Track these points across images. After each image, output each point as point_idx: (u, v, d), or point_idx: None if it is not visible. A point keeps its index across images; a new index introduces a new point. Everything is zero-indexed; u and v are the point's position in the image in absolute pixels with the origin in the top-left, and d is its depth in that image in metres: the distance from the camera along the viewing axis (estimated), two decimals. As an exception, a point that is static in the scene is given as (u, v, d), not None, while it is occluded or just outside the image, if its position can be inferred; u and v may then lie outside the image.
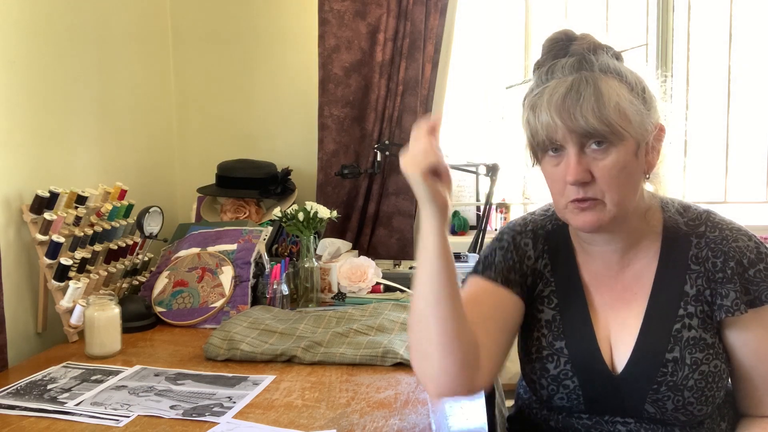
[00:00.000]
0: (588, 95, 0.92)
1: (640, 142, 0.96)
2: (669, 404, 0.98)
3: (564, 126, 0.93)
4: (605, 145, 0.93)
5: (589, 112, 0.91)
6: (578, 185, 0.95)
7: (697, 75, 2.51)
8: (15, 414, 1.09)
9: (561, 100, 0.93)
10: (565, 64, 0.97)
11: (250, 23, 2.36)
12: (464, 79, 2.53)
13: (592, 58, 0.97)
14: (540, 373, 1.06)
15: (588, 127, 0.92)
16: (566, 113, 0.92)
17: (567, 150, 0.95)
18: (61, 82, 1.68)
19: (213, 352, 1.36)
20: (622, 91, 0.94)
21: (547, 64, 0.99)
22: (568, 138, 0.94)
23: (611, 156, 0.94)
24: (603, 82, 0.94)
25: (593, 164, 0.94)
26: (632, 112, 0.94)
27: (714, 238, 1.02)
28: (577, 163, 0.94)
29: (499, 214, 2.56)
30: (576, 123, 0.92)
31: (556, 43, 1.01)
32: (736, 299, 0.98)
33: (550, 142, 0.96)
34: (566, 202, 0.97)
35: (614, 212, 0.96)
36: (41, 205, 1.48)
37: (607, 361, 1.02)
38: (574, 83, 0.93)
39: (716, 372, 0.98)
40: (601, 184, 0.94)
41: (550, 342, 1.06)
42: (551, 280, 1.10)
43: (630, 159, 0.95)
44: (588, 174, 0.94)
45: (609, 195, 0.95)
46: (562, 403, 1.05)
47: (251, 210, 2.12)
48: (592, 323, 1.05)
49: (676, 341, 0.99)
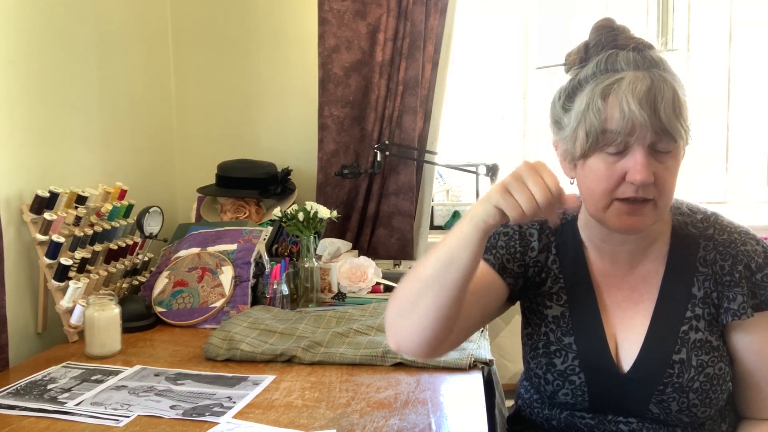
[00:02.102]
0: (669, 94, 0.91)
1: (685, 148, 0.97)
2: (674, 405, 0.98)
3: (647, 120, 0.89)
4: (672, 149, 0.92)
5: (671, 110, 0.90)
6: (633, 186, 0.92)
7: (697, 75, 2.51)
8: (15, 414, 1.09)
9: (645, 93, 0.90)
10: (628, 58, 0.94)
11: (250, 23, 2.36)
12: (464, 79, 2.53)
13: (653, 55, 0.96)
14: (546, 368, 1.06)
15: (669, 126, 0.90)
16: (650, 107, 0.90)
17: (633, 148, 0.92)
18: (61, 82, 1.68)
19: (213, 352, 1.36)
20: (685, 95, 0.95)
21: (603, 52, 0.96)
22: (645, 134, 0.90)
23: (674, 159, 0.94)
24: (676, 83, 0.94)
25: (657, 166, 0.92)
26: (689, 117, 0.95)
27: (722, 241, 1.02)
28: (648, 164, 0.91)
29: (499, 214, 2.55)
30: (660, 120, 0.90)
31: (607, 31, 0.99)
32: (743, 303, 0.98)
33: (626, 134, 0.91)
34: (611, 200, 0.94)
35: (660, 215, 0.97)
36: (41, 205, 1.48)
37: (615, 360, 1.03)
38: (655, 80, 0.91)
39: (721, 374, 0.99)
40: (660, 186, 0.93)
41: (559, 337, 1.06)
42: (560, 276, 1.09)
43: (680, 164, 0.96)
44: (653, 176, 0.92)
45: (663, 197, 0.94)
46: (566, 399, 1.05)
47: (251, 210, 2.12)
48: (602, 320, 1.05)
49: (683, 343, 0.99)
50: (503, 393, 1.42)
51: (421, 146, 2.23)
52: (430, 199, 2.34)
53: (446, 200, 2.62)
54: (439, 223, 2.59)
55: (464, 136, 2.57)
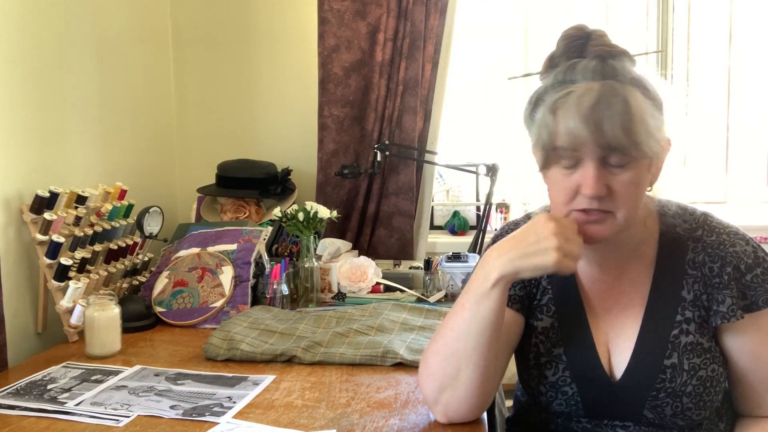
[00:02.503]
0: (618, 108, 0.87)
1: (653, 157, 0.94)
2: (668, 410, 0.98)
3: (591, 137, 0.88)
4: (626, 162, 0.90)
5: (618, 127, 0.87)
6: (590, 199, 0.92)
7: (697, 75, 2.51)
8: (15, 414, 1.09)
9: (590, 110, 0.88)
10: (587, 67, 0.92)
11: (250, 23, 2.36)
12: (464, 79, 2.53)
13: (615, 64, 0.93)
14: (538, 380, 1.06)
15: (615, 141, 0.88)
16: (594, 124, 0.88)
17: (584, 161, 0.91)
18: (61, 82, 1.68)
19: (213, 352, 1.36)
20: (647, 105, 0.91)
21: (565, 62, 0.95)
22: (591, 149, 0.90)
23: (631, 172, 0.91)
24: (631, 94, 0.89)
25: (611, 179, 0.91)
26: (653, 128, 0.91)
27: (711, 242, 1.01)
28: (599, 177, 0.90)
29: (499, 214, 2.55)
30: (604, 136, 0.88)
31: (573, 40, 0.97)
32: (732, 305, 0.97)
33: (572, 150, 0.91)
34: (570, 210, 0.95)
35: (621, 226, 0.95)
36: (41, 205, 1.48)
37: (606, 367, 1.02)
38: (603, 93, 0.88)
39: (714, 376, 0.98)
40: (618, 198, 0.92)
41: (548, 349, 1.06)
42: (548, 288, 1.09)
43: (644, 174, 0.94)
44: (605, 188, 0.91)
45: (622, 210, 0.93)
46: (560, 408, 1.05)
47: (251, 210, 2.12)
48: (591, 329, 1.04)
49: (674, 347, 0.98)
50: (503, 393, 1.42)
51: (421, 146, 2.23)
52: (430, 199, 2.34)
53: (446, 200, 2.62)
54: (439, 223, 2.59)
55: (464, 136, 2.57)
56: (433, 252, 2.34)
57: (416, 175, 2.25)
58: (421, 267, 2.08)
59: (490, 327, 0.96)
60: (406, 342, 1.39)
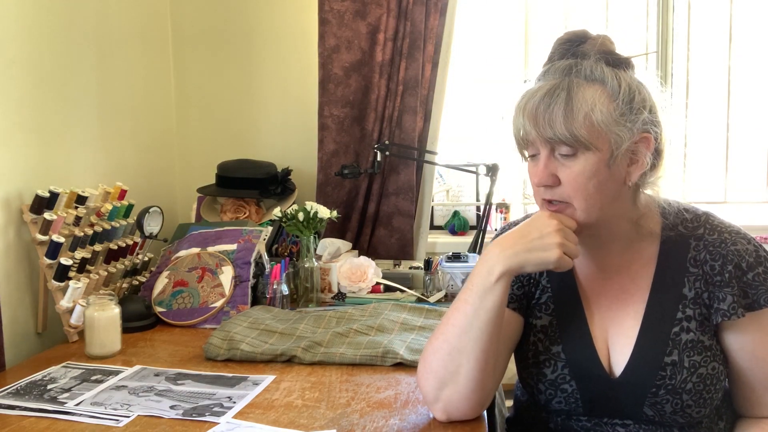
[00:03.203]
0: (559, 103, 0.94)
1: (614, 151, 0.95)
2: (668, 407, 0.98)
3: (534, 131, 0.96)
4: (573, 152, 0.95)
5: (556, 121, 0.94)
6: (543, 187, 0.99)
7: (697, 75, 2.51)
8: (15, 414, 1.09)
9: (534, 107, 0.96)
10: (558, 68, 0.98)
11: (250, 23, 2.36)
12: (464, 79, 2.53)
13: (583, 63, 0.97)
14: (537, 378, 1.06)
15: (554, 135, 0.94)
16: (534, 120, 0.96)
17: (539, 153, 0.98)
18: (61, 82, 1.68)
19: (213, 352, 1.36)
20: (600, 99, 0.95)
21: (546, 66, 1.01)
22: (538, 142, 0.97)
23: (578, 163, 0.95)
24: (580, 89, 0.95)
25: (561, 169, 0.97)
26: (605, 122, 0.94)
27: (713, 241, 1.02)
28: (544, 167, 0.97)
29: (499, 214, 2.56)
30: (544, 131, 0.95)
31: (563, 43, 1.01)
32: (733, 303, 0.98)
33: (525, 144, 1.00)
34: (540, 201, 1.01)
35: (584, 218, 0.98)
36: (41, 205, 1.48)
37: (605, 364, 1.02)
38: (550, 89, 0.95)
39: (714, 374, 0.98)
40: (568, 188, 0.97)
41: (547, 347, 1.06)
42: (547, 286, 1.10)
43: (600, 168, 0.96)
44: (553, 178, 0.97)
45: (576, 200, 0.97)
46: (560, 406, 1.05)
47: (251, 210, 2.12)
48: (589, 326, 1.05)
49: (674, 344, 0.99)
50: (503, 393, 1.42)
51: (421, 146, 2.23)
52: (430, 199, 2.34)
53: (446, 200, 2.62)
54: (439, 223, 2.59)
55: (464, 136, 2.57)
56: (433, 252, 2.34)
57: (416, 175, 2.25)
58: (421, 267, 2.08)
59: (492, 321, 0.97)
60: (406, 342, 1.39)
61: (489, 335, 0.97)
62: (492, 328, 0.98)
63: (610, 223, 1.01)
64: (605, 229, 1.02)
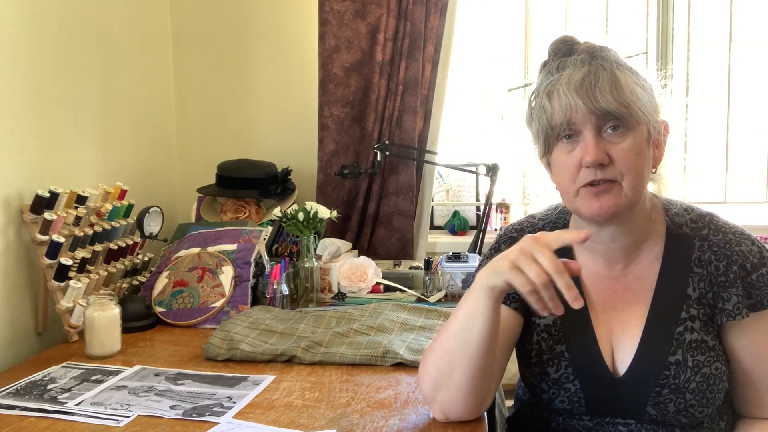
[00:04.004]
0: (605, 79, 0.94)
1: (651, 130, 0.98)
2: (671, 407, 0.98)
3: (584, 106, 0.94)
4: (622, 129, 0.95)
5: (607, 92, 0.93)
6: (596, 167, 0.95)
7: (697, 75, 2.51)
8: (15, 414, 1.09)
9: (579, 82, 0.94)
10: (576, 59, 0.98)
11: (250, 23, 2.36)
12: (464, 79, 2.53)
13: (602, 53, 0.98)
14: (540, 377, 1.06)
15: (607, 106, 0.93)
16: (585, 94, 0.94)
17: (583, 134, 0.96)
18: (61, 82, 1.68)
19: (213, 352, 1.36)
20: (635, 80, 0.97)
21: (556, 61, 1.00)
22: (586, 119, 0.94)
23: (628, 139, 0.95)
24: (618, 70, 0.96)
25: (610, 147, 0.95)
26: (644, 98, 0.96)
27: (717, 241, 1.02)
28: (596, 145, 0.94)
29: (499, 214, 2.55)
30: (596, 103, 0.93)
31: (562, 43, 1.02)
32: (737, 303, 0.98)
33: (568, 125, 0.96)
34: (578, 188, 0.97)
35: (630, 196, 0.96)
36: (41, 205, 1.48)
37: (609, 363, 1.02)
38: (592, 69, 0.95)
39: (717, 374, 0.98)
40: (620, 165, 0.95)
41: (551, 346, 1.06)
42: None
43: (644, 145, 0.97)
44: (606, 156, 0.95)
45: (627, 177, 0.95)
46: (563, 405, 1.05)
47: (251, 210, 2.12)
48: (593, 325, 1.04)
49: (678, 344, 0.99)
50: (503, 393, 1.42)
51: (421, 146, 2.23)
52: (430, 199, 2.34)
53: (446, 200, 2.62)
54: (439, 223, 2.59)
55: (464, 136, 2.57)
56: (433, 252, 2.34)
57: (416, 175, 2.25)
58: (421, 267, 2.08)
59: (479, 332, 0.96)
60: (406, 342, 1.39)
61: (477, 344, 0.96)
62: (480, 338, 0.96)
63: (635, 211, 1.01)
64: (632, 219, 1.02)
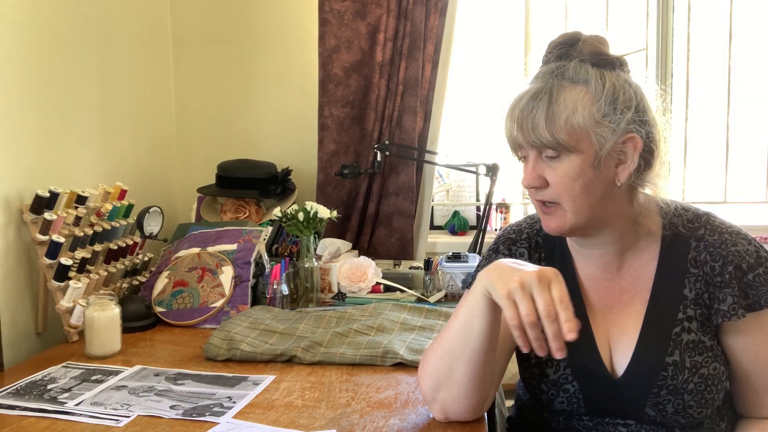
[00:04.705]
0: (541, 107, 0.96)
1: (598, 153, 0.95)
2: (669, 407, 0.98)
3: (520, 135, 0.98)
4: (557, 154, 0.97)
5: (538, 125, 0.96)
6: (532, 189, 1.00)
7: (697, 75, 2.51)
8: (15, 414, 1.09)
9: (519, 112, 0.98)
10: (545, 71, 1.00)
11: (250, 23, 2.36)
12: (464, 79, 2.53)
13: (569, 64, 0.98)
14: (539, 378, 1.06)
15: (536, 139, 0.96)
16: (519, 124, 0.98)
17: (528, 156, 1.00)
18: (61, 82, 1.68)
19: (213, 352, 1.36)
20: (582, 101, 0.95)
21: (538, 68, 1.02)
22: (525, 145, 0.99)
23: (563, 165, 0.97)
24: (563, 92, 0.96)
25: (548, 171, 0.98)
26: (586, 124, 0.95)
27: (713, 241, 1.02)
28: (532, 169, 0.99)
29: (499, 214, 2.55)
30: (528, 135, 0.97)
31: (555, 46, 1.02)
32: (733, 304, 0.98)
33: (513, 147, 1.02)
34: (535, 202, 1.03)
35: (574, 219, 0.98)
36: (41, 205, 1.48)
37: (607, 365, 1.02)
38: (535, 93, 0.97)
39: (715, 375, 0.98)
40: (557, 189, 0.98)
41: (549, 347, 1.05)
42: None
43: (586, 170, 0.96)
44: (540, 180, 0.99)
45: (564, 202, 0.98)
46: (562, 406, 1.05)
47: (251, 210, 2.12)
48: (591, 326, 1.04)
49: (675, 345, 0.99)
50: (503, 393, 1.42)
51: (421, 146, 2.23)
52: (430, 199, 2.34)
53: (446, 200, 2.62)
54: (439, 223, 2.59)
55: (464, 136, 2.57)
56: (433, 252, 2.34)
57: (416, 175, 2.25)
58: (421, 267, 2.08)
59: (479, 333, 0.96)
60: (406, 342, 1.39)
61: (475, 344, 0.96)
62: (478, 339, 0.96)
63: (606, 223, 1.01)
64: (601, 229, 1.02)
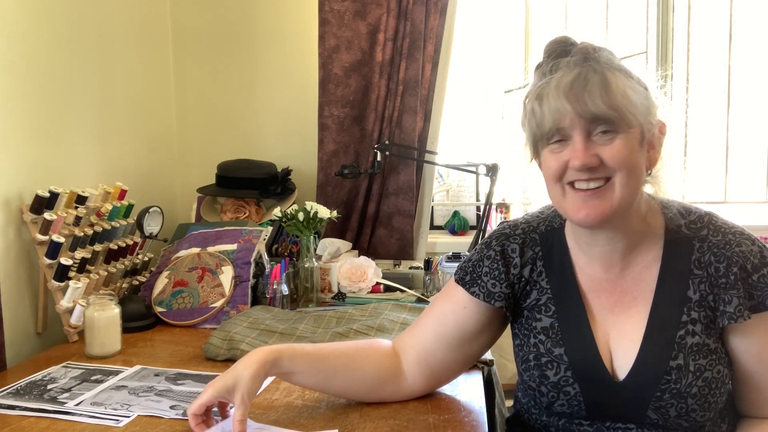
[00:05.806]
0: (595, 82, 0.92)
1: (645, 132, 0.96)
2: (672, 411, 0.97)
3: (573, 110, 0.92)
4: (612, 132, 0.93)
5: (597, 96, 0.91)
6: (585, 170, 0.93)
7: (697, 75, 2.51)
8: (15, 414, 1.09)
9: (569, 86, 0.93)
10: (570, 60, 0.97)
11: (250, 23, 2.36)
12: (464, 79, 2.53)
13: (596, 54, 0.97)
14: (540, 381, 1.05)
15: (596, 110, 0.91)
16: (574, 97, 0.92)
17: (573, 138, 0.94)
18: (61, 83, 1.68)
19: (213, 352, 1.36)
20: (628, 83, 0.95)
21: (550, 63, 0.99)
22: (576, 123, 0.93)
23: (619, 141, 0.93)
24: (609, 73, 0.94)
25: (601, 149, 0.93)
26: (637, 101, 0.94)
27: (717, 242, 1.00)
28: (585, 149, 0.93)
29: (499, 214, 2.55)
30: (584, 107, 0.92)
31: (557, 44, 1.00)
32: (739, 305, 0.96)
33: (557, 129, 0.94)
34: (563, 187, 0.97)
35: (619, 200, 0.94)
36: (41, 205, 1.48)
37: (608, 367, 1.01)
38: (582, 72, 0.93)
39: (719, 378, 0.97)
40: (612, 163, 0.93)
41: (549, 349, 1.05)
42: (546, 288, 1.08)
43: (636, 146, 0.95)
44: (595, 158, 0.93)
45: (620, 173, 0.94)
46: (562, 409, 1.04)
47: (251, 210, 2.12)
48: (591, 329, 1.03)
49: (679, 348, 0.97)
50: (503, 393, 1.42)
51: (421, 146, 2.23)
52: (430, 199, 2.34)
53: (446, 200, 2.62)
54: (439, 223, 2.59)
55: (464, 136, 2.57)
56: (433, 252, 2.34)
57: (416, 175, 2.25)
58: (421, 267, 2.08)
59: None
60: (406, 342, 1.39)
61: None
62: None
63: (629, 215, 0.99)
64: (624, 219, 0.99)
